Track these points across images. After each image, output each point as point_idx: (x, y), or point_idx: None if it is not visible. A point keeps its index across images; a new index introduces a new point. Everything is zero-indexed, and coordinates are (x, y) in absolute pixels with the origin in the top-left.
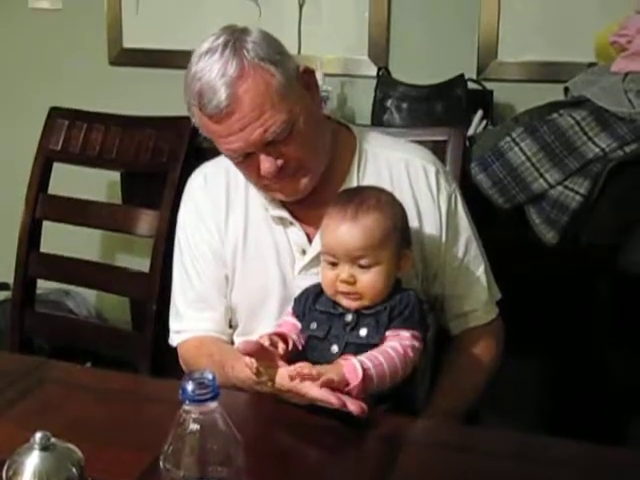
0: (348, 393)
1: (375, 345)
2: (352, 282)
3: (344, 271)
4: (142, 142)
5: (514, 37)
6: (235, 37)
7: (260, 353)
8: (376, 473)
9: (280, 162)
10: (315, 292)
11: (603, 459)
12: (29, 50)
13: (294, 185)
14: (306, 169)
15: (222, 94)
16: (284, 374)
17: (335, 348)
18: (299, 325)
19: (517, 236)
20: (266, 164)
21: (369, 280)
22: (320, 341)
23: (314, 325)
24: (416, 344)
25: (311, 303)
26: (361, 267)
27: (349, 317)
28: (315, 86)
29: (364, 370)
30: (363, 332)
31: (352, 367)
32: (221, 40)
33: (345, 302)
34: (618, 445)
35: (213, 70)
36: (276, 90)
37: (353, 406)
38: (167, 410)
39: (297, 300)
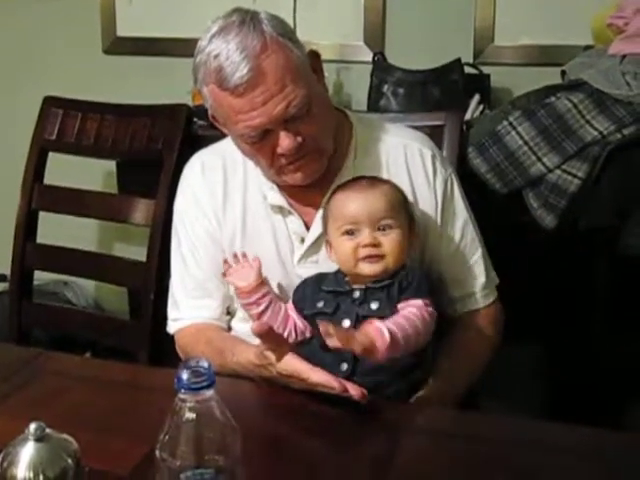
0: (375, 354)
1: (387, 317)
2: (376, 244)
3: (366, 236)
4: (137, 131)
5: (510, 20)
6: (250, 15)
7: (271, 336)
8: (376, 460)
9: (300, 139)
10: (316, 279)
11: (602, 443)
12: (23, 39)
13: (310, 165)
14: (321, 150)
15: (244, 67)
16: (287, 360)
17: (347, 322)
18: (300, 318)
19: (515, 221)
20: (286, 140)
21: (392, 240)
22: (329, 317)
23: (321, 303)
24: (430, 310)
25: (315, 287)
26: (382, 230)
27: (357, 293)
28: (321, 70)
29: (390, 332)
30: (374, 305)
31: (377, 328)
32: (235, 19)
33: (368, 268)
34: (617, 429)
35: (231, 45)
36: (296, 66)
37: (354, 391)
38: (164, 399)
39: (296, 291)
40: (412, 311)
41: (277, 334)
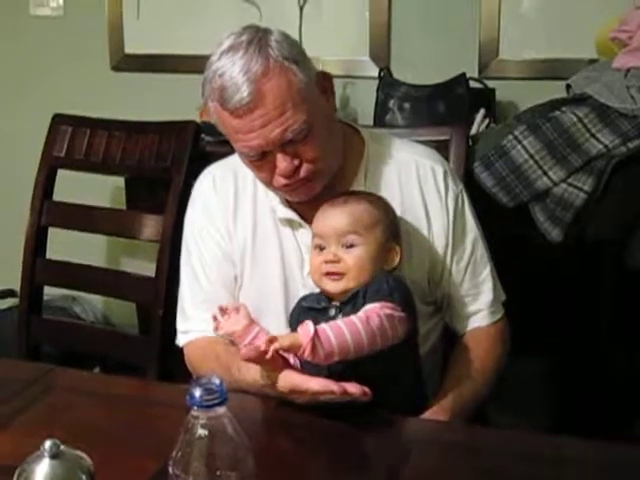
0: (303, 354)
1: None
2: (336, 261)
3: (328, 252)
4: (145, 147)
5: (515, 35)
6: (259, 35)
7: (261, 358)
8: (385, 475)
9: (297, 162)
10: (302, 299)
11: (612, 456)
12: (31, 57)
13: (308, 186)
14: (321, 171)
15: (245, 89)
16: (284, 377)
17: None
18: None
19: (522, 234)
20: (283, 163)
21: (352, 258)
22: None
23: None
24: (386, 311)
25: (300, 308)
26: (346, 247)
27: (332, 311)
28: (331, 91)
29: (316, 329)
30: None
31: (305, 327)
32: (244, 38)
33: (329, 285)
34: (627, 442)
35: (236, 67)
36: (298, 90)
37: (353, 389)
38: (176, 415)
39: (290, 316)
40: (357, 315)
41: (266, 357)
